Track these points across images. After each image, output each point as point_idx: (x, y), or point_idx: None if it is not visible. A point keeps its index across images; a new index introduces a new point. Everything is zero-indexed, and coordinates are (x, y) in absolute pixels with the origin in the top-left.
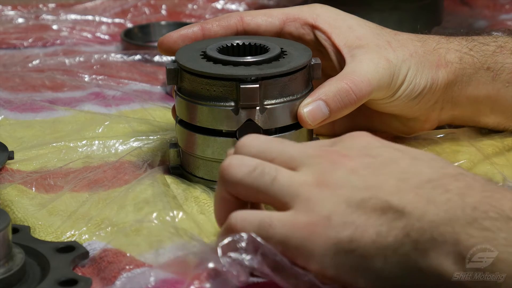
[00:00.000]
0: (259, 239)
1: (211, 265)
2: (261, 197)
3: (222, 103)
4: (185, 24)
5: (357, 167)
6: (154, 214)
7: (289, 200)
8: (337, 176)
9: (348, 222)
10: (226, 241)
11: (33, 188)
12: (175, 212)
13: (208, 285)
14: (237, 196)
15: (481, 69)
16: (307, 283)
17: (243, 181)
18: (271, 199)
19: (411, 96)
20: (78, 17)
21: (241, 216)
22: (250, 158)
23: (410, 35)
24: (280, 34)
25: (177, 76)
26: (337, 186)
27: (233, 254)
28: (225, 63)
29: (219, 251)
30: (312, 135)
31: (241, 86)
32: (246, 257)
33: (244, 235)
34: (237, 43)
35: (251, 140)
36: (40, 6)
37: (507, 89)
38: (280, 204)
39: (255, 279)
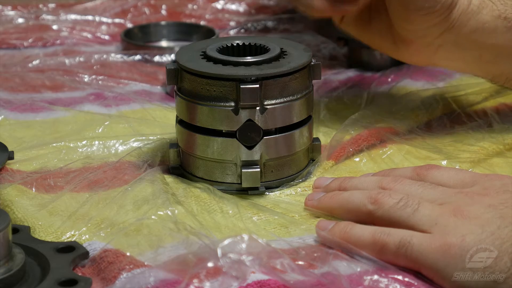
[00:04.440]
0: (260, 240)
1: (210, 264)
2: (400, 226)
3: (222, 103)
4: (185, 24)
5: (494, 203)
6: (153, 210)
7: (427, 228)
8: (474, 208)
9: (482, 245)
10: (226, 241)
11: (33, 188)
12: (174, 208)
13: (207, 284)
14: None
15: (498, 18)
16: (308, 279)
17: (391, 209)
18: (411, 228)
19: None
20: (78, 17)
21: (381, 231)
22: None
23: None
24: None
25: (177, 76)
26: (473, 216)
27: (233, 255)
28: (225, 63)
29: (219, 251)
30: (312, 135)
31: (241, 86)
32: (247, 258)
33: (245, 236)
34: (237, 43)
35: (396, 185)
36: (40, 6)
37: None
38: (419, 231)
39: (255, 278)
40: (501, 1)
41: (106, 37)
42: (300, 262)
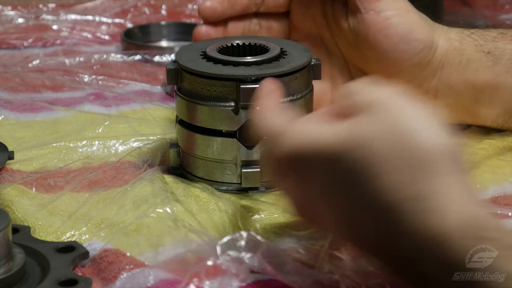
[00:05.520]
0: (258, 237)
1: (210, 262)
2: None
3: (222, 103)
4: (185, 24)
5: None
6: (153, 208)
7: None
8: None
9: None
10: (225, 239)
11: (33, 188)
12: (173, 205)
13: (207, 283)
14: None
15: (481, 52)
16: (309, 280)
17: None
18: None
19: (407, 38)
20: (78, 17)
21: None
22: None
23: None
24: None
25: (177, 76)
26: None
27: (232, 252)
28: (225, 63)
29: (218, 249)
30: None
31: (241, 86)
32: (246, 255)
33: (244, 233)
34: (237, 43)
35: None
36: (40, 6)
37: (507, 75)
38: None
39: (254, 278)
40: (482, 36)
41: (106, 37)
42: (300, 262)
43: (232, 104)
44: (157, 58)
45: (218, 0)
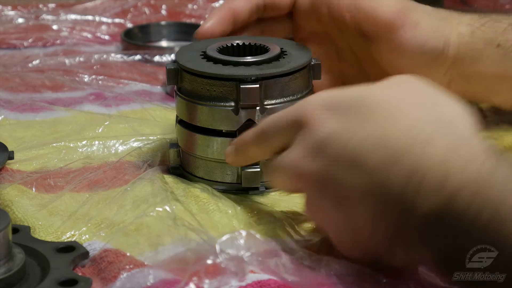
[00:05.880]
0: (257, 236)
1: (209, 261)
2: None
3: (222, 103)
4: (185, 24)
5: None
6: (152, 207)
7: None
8: None
9: None
10: (224, 238)
11: (33, 188)
12: (172, 204)
13: (206, 282)
14: None
15: (491, 46)
16: (307, 279)
17: None
18: None
19: (422, 44)
20: (78, 17)
21: None
22: None
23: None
24: None
25: (177, 76)
26: None
27: (231, 251)
28: (225, 63)
29: (218, 248)
30: None
31: (241, 86)
32: (246, 254)
33: (243, 232)
34: (237, 43)
35: None
36: (40, 6)
37: None
38: None
39: (254, 277)
40: (492, 28)
41: (106, 37)
42: (300, 263)
43: (232, 104)
44: (157, 58)
45: (217, 21)
